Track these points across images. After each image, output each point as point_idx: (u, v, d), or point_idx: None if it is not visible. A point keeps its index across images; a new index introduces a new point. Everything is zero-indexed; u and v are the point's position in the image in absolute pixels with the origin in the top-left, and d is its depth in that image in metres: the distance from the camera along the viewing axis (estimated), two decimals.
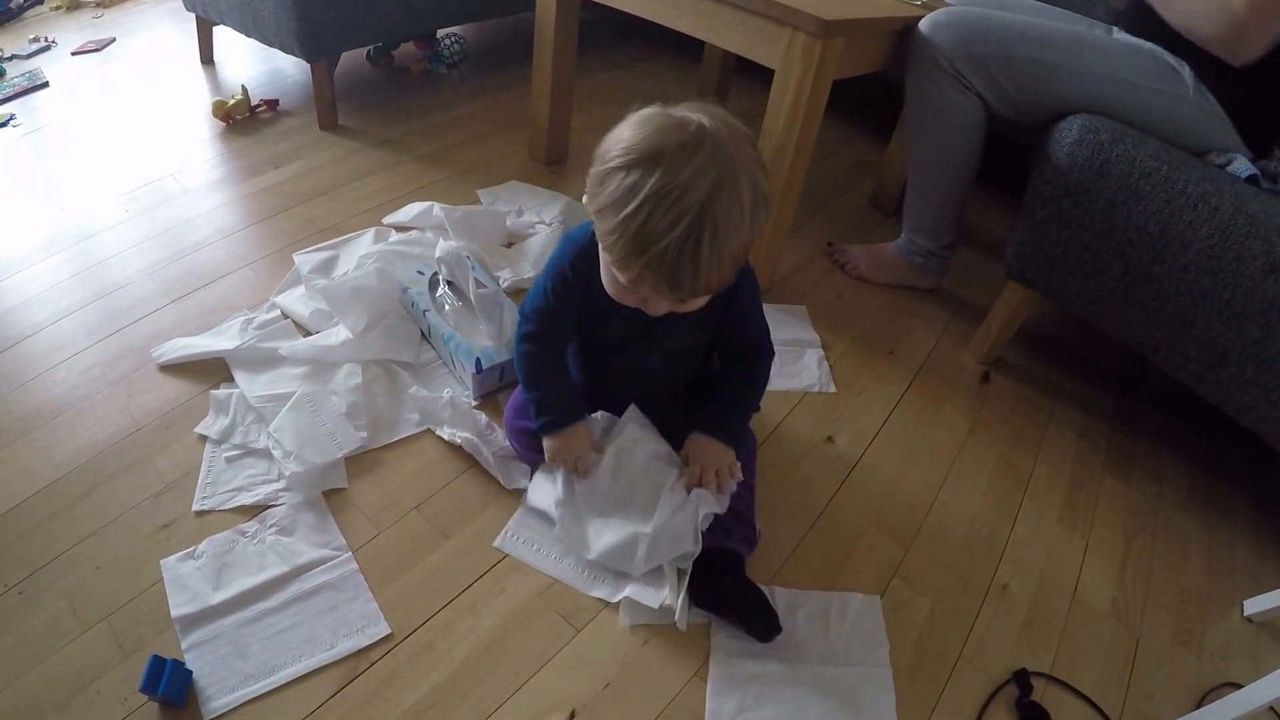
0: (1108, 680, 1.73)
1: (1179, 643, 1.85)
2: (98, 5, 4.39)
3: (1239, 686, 1.63)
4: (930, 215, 2.60)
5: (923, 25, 2.32)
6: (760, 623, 1.61)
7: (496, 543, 1.74)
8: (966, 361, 2.53)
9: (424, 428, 1.97)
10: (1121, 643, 1.82)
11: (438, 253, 2.28)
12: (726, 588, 1.66)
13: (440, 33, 3.85)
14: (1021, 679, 1.67)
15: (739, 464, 1.75)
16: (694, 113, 1.38)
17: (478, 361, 2.02)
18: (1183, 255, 1.92)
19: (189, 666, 1.45)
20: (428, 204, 2.67)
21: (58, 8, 4.32)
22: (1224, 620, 1.93)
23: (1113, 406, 2.51)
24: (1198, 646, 1.85)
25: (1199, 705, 1.70)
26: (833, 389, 2.31)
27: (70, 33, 4.01)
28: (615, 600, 1.64)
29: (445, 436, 1.92)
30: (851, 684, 1.61)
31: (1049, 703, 1.65)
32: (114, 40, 3.92)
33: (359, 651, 1.53)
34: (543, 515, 1.79)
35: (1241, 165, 1.96)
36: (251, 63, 3.78)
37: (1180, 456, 2.38)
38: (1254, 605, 1.93)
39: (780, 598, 1.74)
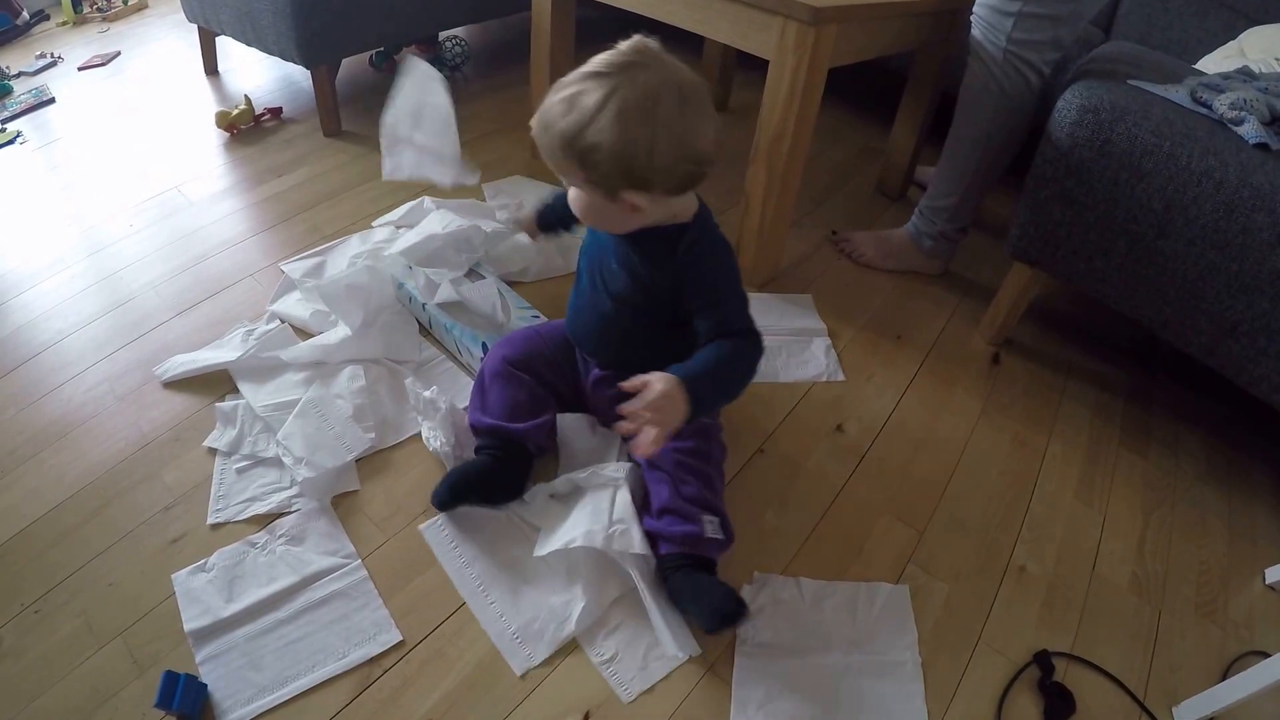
0: (1131, 656, 1.73)
1: (1202, 614, 1.84)
2: (103, 20, 4.41)
3: (1265, 655, 1.62)
4: (958, 194, 2.61)
5: (973, 14, 2.40)
6: (707, 612, 1.57)
7: (422, 527, 1.76)
8: (976, 343, 2.52)
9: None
10: (1143, 617, 1.81)
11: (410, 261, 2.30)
12: (678, 584, 1.64)
13: (442, 35, 3.84)
14: (1043, 660, 1.67)
15: (687, 448, 1.74)
16: (657, 53, 1.55)
17: (484, 345, 2.03)
18: (1188, 230, 1.91)
19: (203, 680, 1.46)
20: (417, 200, 2.67)
21: (64, 24, 4.34)
22: (1246, 589, 1.92)
23: (1126, 381, 2.49)
24: (1221, 617, 1.84)
25: (1225, 676, 1.70)
26: (841, 377, 2.30)
27: (76, 48, 4.02)
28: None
29: (424, 436, 1.93)
30: (879, 674, 1.61)
31: (1072, 682, 1.64)
32: (119, 54, 3.94)
33: (371, 659, 1.53)
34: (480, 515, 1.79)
35: (1251, 130, 1.94)
36: (256, 72, 3.79)
37: (1196, 427, 2.36)
38: (1276, 573, 1.92)
39: (807, 589, 1.74)
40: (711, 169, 1.60)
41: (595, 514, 1.69)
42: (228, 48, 3.77)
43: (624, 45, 1.54)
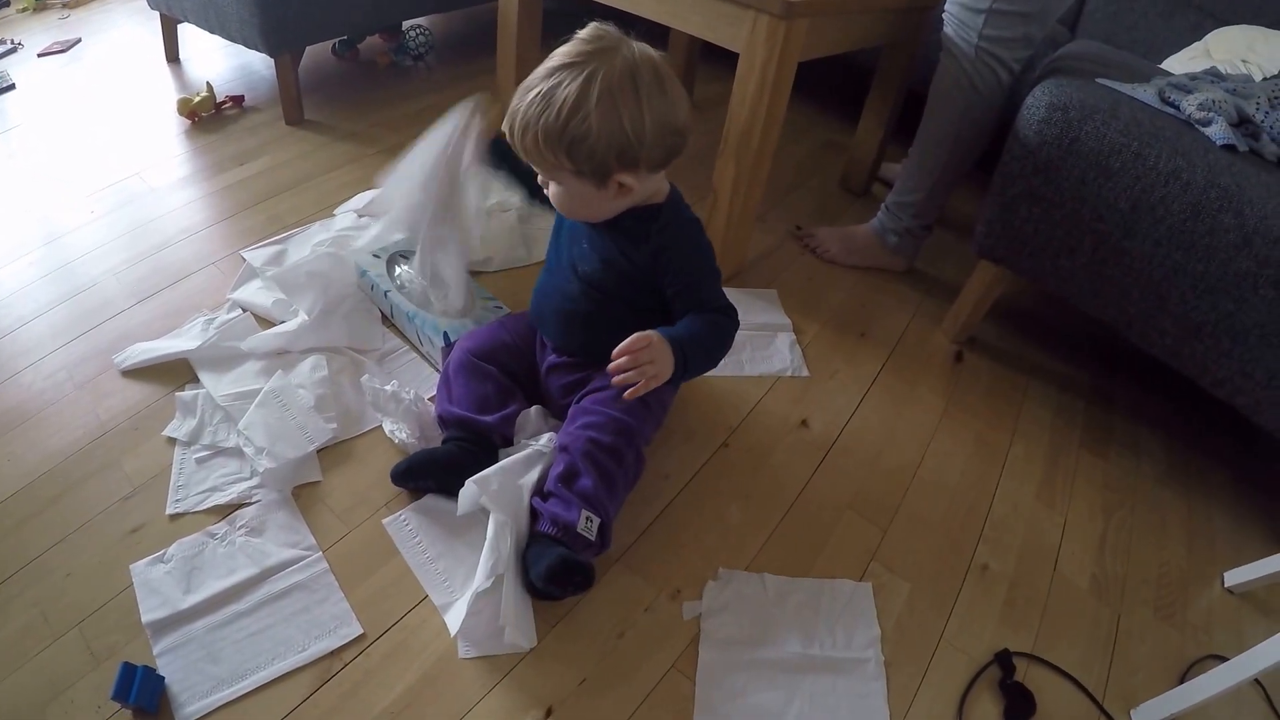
0: (1090, 657, 1.73)
1: (1161, 617, 1.85)
2: (64, 6, 4.35)
3: (1223, 659, 1.63)
4: (925, 190, 2.62)
5: (945, 11, 2.41)
6: (542, 568, 1.55)
7: (385, 520, 1.75)
8: (940, 341, 2.52)
9: None
10: (1103, 619, 1.82)
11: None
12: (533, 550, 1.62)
13: (406, 25, 3.82)
14: (1004, 660, 1.67)
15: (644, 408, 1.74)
16: (619, 36, 1.59)
17: (445, 335, 2.02)
18: (1155, 230, 1.92)
19: (161, 673, 1.43)
20: (381, 190, 2.63)
21: (24, 10, 4.27)
22: (1205, 593, 1.93)
23: (1088, 382, 2.51)
24: (1180, 620, 1.85)
25: (1183, 679, 1.71)
26: (806, 373, 2.30)
27: (36, 34, 3.97)
28: (454, 632, 1.56)
29: (387, 431, 1.92)
30: (842, 672, 1.61)
31: (1032, 683, 1.65)
32: (80, 41, 3.89)
33: (332, 653, 1.51)
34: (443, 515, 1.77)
35: (1219, 131, 1.95)
36: (218, 59, 3.75)
37: (1157, 429, 2.38)
38: (1234, 577, 1.94)
39: (771, 585, 1.74)
40: (689, 139, 1.63)
41: (501, 470, 1.69)
42: (189, 35, 3.71)
43: (584, 34, 1.57)
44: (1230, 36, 2.70)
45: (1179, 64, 2.72)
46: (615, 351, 1.58)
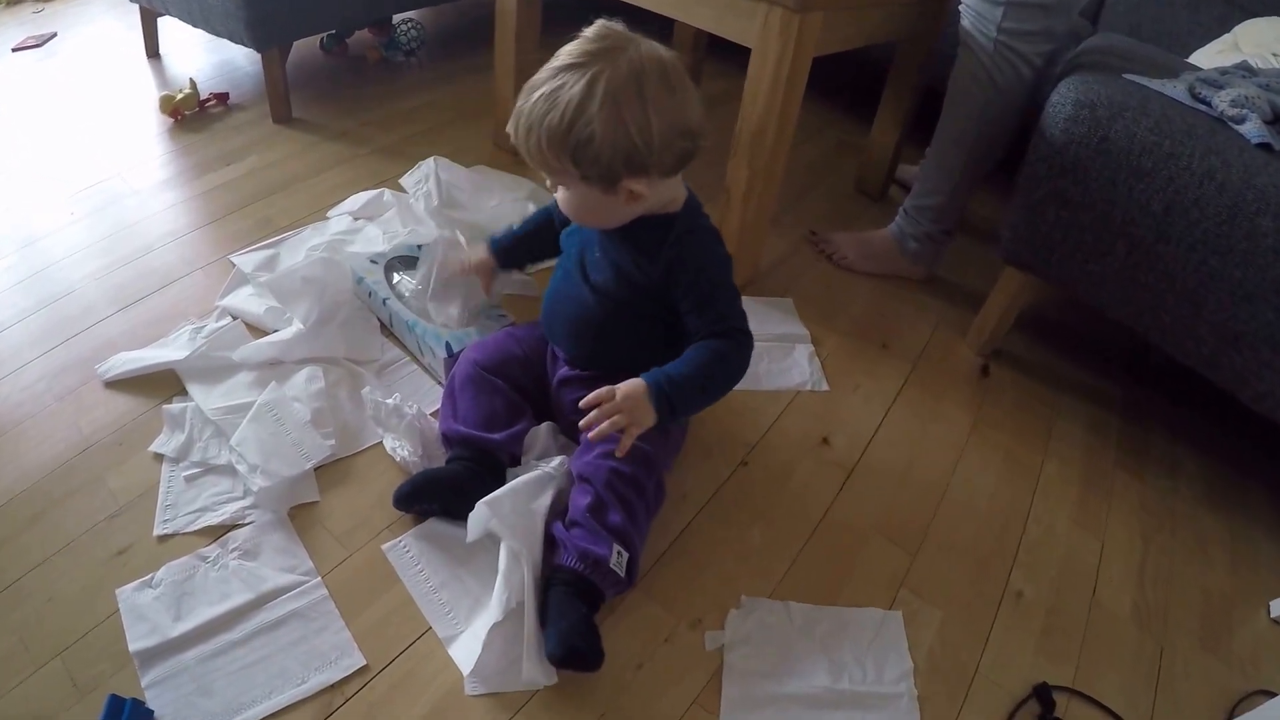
0: (1133, 691, 1.66)
1: (1205, 648, 1.78)
2: (38, 0, 4.27)
3: (1271, 694, 1.58)
4: (945, 192, 2.56)
5: (962, 4, 2.36)
6: (559, 637, 1.46)
7: (385, 546, 1.68)
8: (964, 353, 2.46)
9: None
10: (1145, 650, 1.75)
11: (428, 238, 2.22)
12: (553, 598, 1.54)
13: (396, 18, 3.78)
14: (1043, 694, 1.60)
15: (644, 456, 1.65)
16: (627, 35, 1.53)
17: (447, 345, 1.96)
18: (1190, 234, 1.85)
19: (150, 706, 1.37)
20: (376, 191, 2.62)
21: None
22: (1251, 622, 1.86)
23: (1120, 396, 2.45)
24: (1225, 652, 1.78)
25: (1231, 716, 1.64)
26: (825, 387, 2.23)
27: (10, 29, 3.90)
28: (466, 670, 1.49)
29: (388, 448, 1.85)
30: (874, 707, 1.54)
31: (1073, 718, 1.58)
32: (55, 35, 3.83)
33: (333, 686, 1.44)
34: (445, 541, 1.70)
35: (1253, 129, 1.88)
36: (200, 55, 3.69)
37: (1195, 447, 2.31)
38: None
39: (796, 614, 1.67)
40: (703, 143, 1.58)
41: (513, 492, 1.62)
42: (169, 29, 3.65)
43: (589, 32, 1.52)
44: (1260, 29, 2.65)
45: (1207, 57, 2.66)
46: (583, 403, 1.57)
